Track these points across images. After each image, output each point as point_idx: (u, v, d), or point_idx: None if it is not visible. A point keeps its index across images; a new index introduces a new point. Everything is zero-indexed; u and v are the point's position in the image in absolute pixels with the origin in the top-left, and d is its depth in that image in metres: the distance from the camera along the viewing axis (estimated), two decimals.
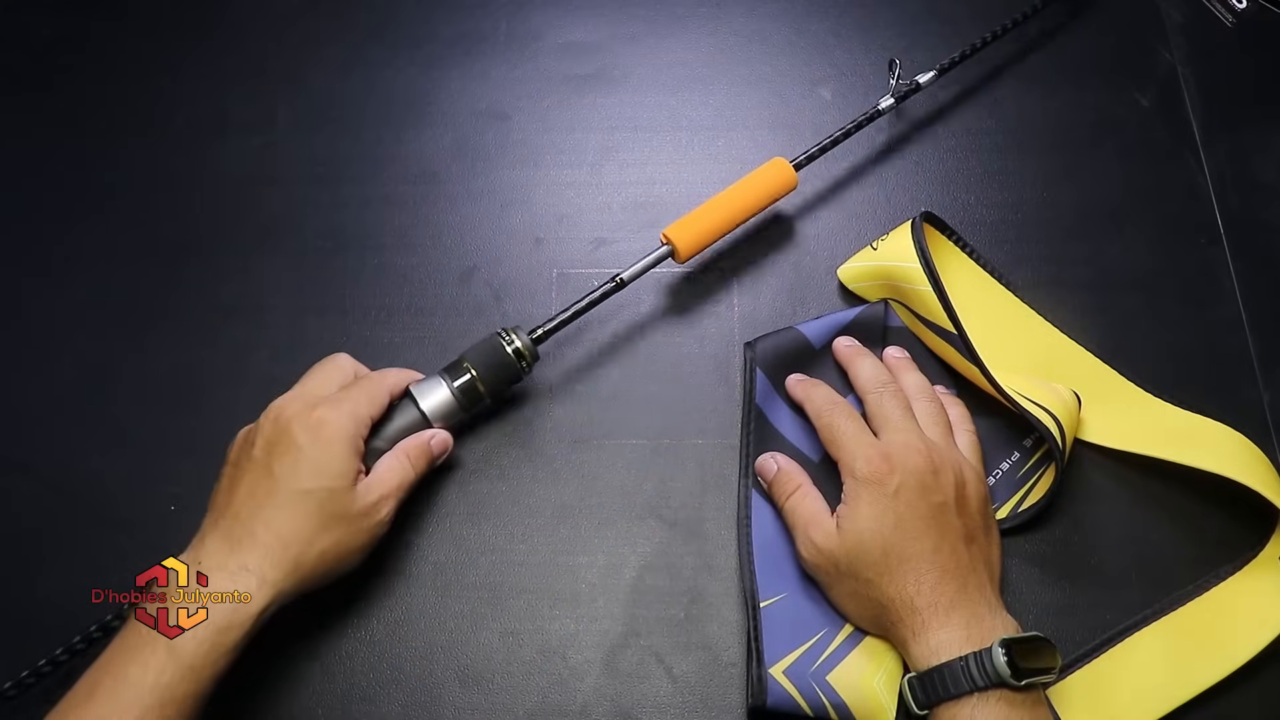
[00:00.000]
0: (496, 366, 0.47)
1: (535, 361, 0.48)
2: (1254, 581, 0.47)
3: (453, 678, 0.47)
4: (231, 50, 0.63)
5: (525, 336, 0.48)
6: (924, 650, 0.40)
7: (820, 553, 0.43)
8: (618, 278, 0.49)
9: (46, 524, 0.51)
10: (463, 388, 0.47)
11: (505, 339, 0.47)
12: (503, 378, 0.48)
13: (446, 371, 0.48)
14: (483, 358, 0.47)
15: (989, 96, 0.60)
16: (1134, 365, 0.52)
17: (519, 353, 0.48)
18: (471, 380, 0.47)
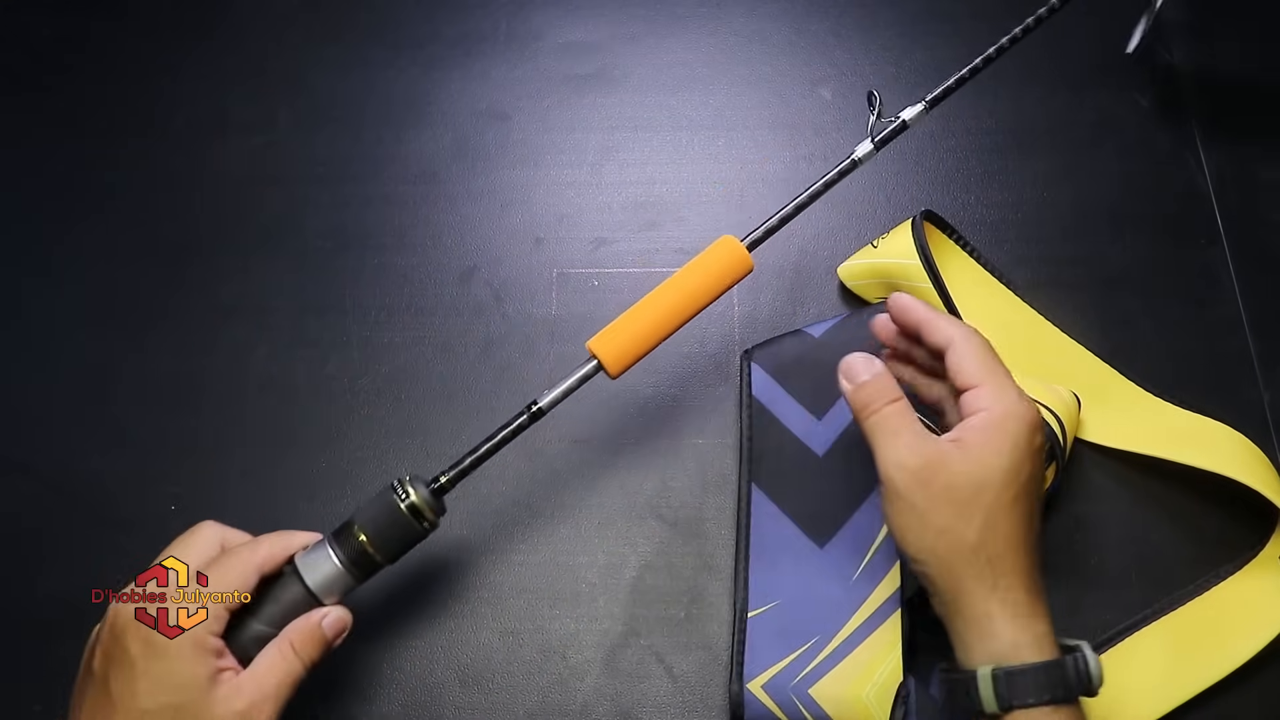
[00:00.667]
0: (391, 528, 0.40)
1: (441, 515, 0.41)
2: (1254, 581, 0.47)
3: (453, 677, 0.47)
4: (232, 50, 0.63)
5: (424, 489, 0.40)
6: (1012, 636, 0.36)
7: (937, 461, 0.37)
8: (534, 407, 0.42)
9: (46, 524, 0.51)
10: (353, 557, 0.40)
11: (400, 494, 0.40)
12: (399, 540, 0.40)
13: (335, 536, 0.40)
14: (375, 519, 0.40)
15: (989, 96, 0.60)
16: (1134, 365, 0.52)
17: (416, 510, 0.40)
18: (361, 547, 0.40)
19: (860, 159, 0.46)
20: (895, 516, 0.38)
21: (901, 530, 0.38)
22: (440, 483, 0.41)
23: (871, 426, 0.39)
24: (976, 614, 0.36)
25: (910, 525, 0.37)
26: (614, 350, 0.42)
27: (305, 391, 0.54)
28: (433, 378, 0.54)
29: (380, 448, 0.52)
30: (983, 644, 0.36)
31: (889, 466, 0.38)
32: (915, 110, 0.47)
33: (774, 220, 0.45)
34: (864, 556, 0.46)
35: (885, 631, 0.44)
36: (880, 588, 0.45)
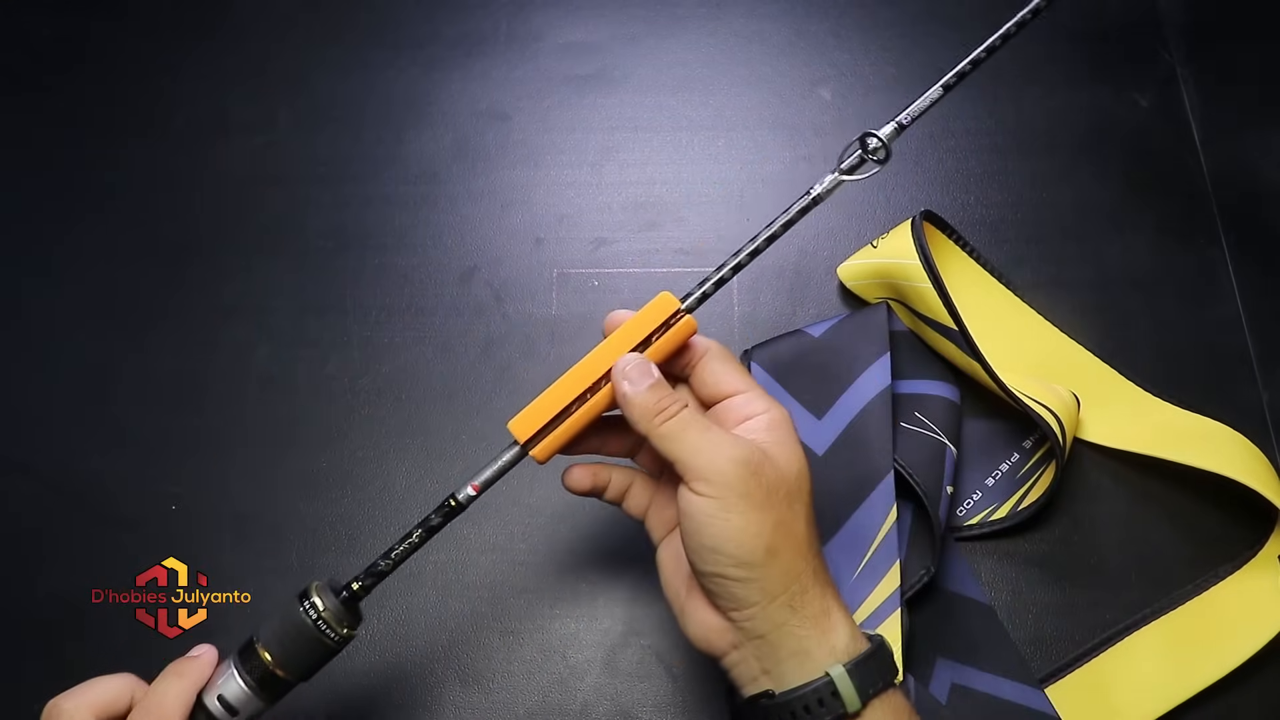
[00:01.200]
0: (298, 644, 0.36)
1: (357, 625, 0.37)
2: (1253, 581, 0.47)
3: (453, 677, 0.47)
4: (232, 50, 0.63)
5: (332, 599, 0.36)
6: (848, 628, 0.34)
7: (759, 452, 0.34)
8: (453, 501, 0.37)
9: (47, 523, 0.51)
10: (259, 679, 0.36)
11: (307, 609, 0.36)
12: (309, 657, 0.36)
13: (240, 656, 0.36)
14: (280, 637, 0.36)
15: (989, 97, 0.60)
16: (1133, 365, 0.53)
17: (325, 624, 0.36)
18: (267, 668, 0.36)
19: (820, 195, 0.39)
20: (728, 515, 0.33)
21: (737, 530, 0.33)
22: (353, 590, 0.37)
23: (676, 427, 0.35)
24: (816, 612, 0.34)
25: (749, 522, 0.33)
26: (539, 438, 0.36)
27: (306, 391, 0.54)
28: (433, 378, 0.54)
29: (380, 448, 0.52)
30: (824, 643, 0.34)
31: (719, 459, 0.34)
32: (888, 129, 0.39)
33: (722, 274, 0.39)
34: (864, 556, 0.46)
35: (885, 631, 0.44)
36: (880, 587, 0.45)
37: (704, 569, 0.34)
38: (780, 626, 0.34)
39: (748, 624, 0.34)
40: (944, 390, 0.50)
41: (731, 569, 0.33)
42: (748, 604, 0.34)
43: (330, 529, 0.51)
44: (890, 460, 0.46)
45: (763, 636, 0.34)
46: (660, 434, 0.35)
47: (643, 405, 0.35)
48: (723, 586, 0.34)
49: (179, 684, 0.36)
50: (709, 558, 0.34)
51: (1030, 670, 0.46)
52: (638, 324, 0.37)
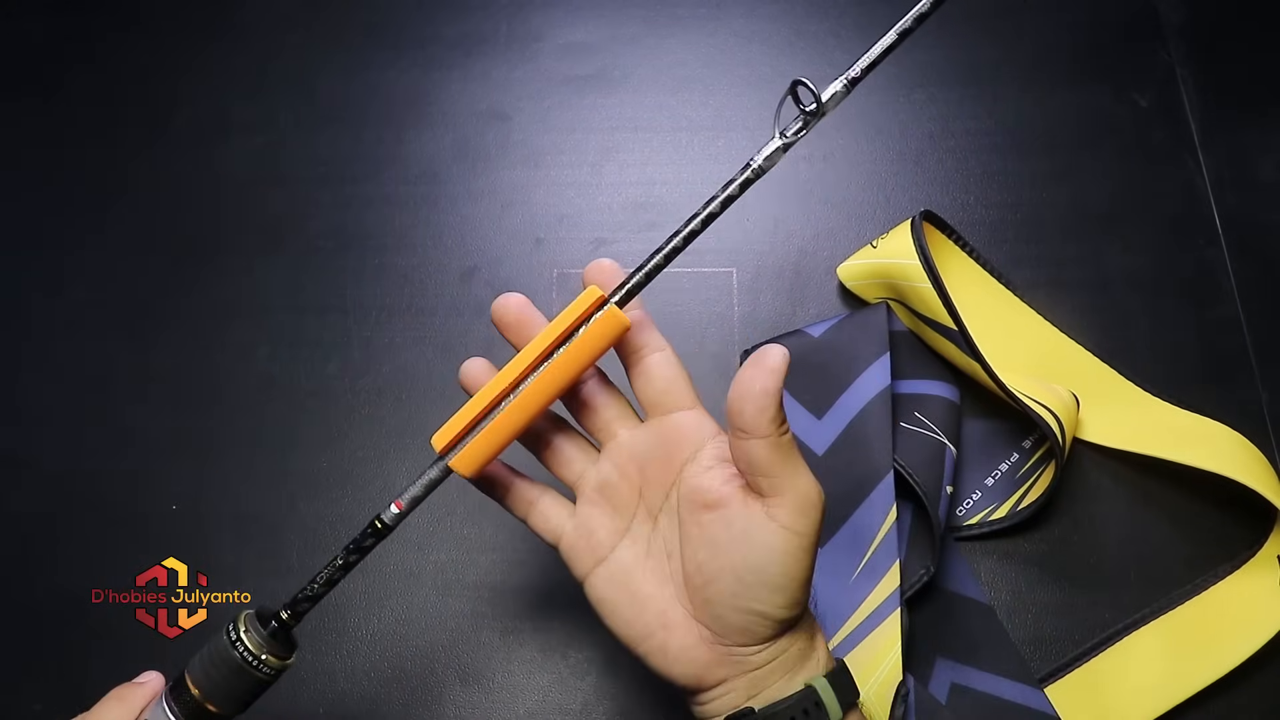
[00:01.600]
0: (227, 680, 0.35)
1: (290, 654, 0.36)
2: (1252, 581, 0.47)
3: (454, 676, 0.47)
4: (234, 52, 0.63)
5: (258, 631, 0.35)
6: (824, 644, 0.35)
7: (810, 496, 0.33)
8: (379, 521, 0.35)
9: (47, 523, 0.51)
10: (188, 713, 0.35)
11: (232, 639, 0.35)
12: (240, 691, 0.35)
13: (172, 692, 0.35)
14: (208, 671, 0.35)
15: (988, 97, 0.60)
16: (1133, 365, 0.53)
17: (251, 656, 0.34)
18: (197, 703, 0.35)
19: (764, 166, 0.34)
20: (806, 555, 0.32)
21: (805, 570, 0.32)
22: (281, 620, 0.35)
23: (792, 444, 0.33)
24: (806, 634, 0.34)
25: (811, 564, 0.33)
26: (464, 452, 0.35)
27: (306, 391, 0.54)
28: (434, 378, 0.54)
29: (381, 448, 0.52)
30: (809, 661, 0.34)
31: (816, 496, 0.32)
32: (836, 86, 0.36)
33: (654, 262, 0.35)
34: (863, 556, 0.46)
35: (884, 630, 0.44)
36: (880, 587, 0.45)
37: (748, 605, 0.32)
38: (782, 654, 0.33)
39: (753, 657, 0.33)
40: (944, 390, 0.50)
41: (781, 610, 0.32)
42: (767, 639, 0.33)
43: (330, 529, 0.51)
44: (890, 460, 0.47)
45: (762, 667, 0.33)
46: (775, 443, 0.32)
47: (773, 409, 0.32)
48: (754, 625, 0.32)
49: (119, 709, 0.35)
50: (764, 595, 0.32)
51: (1030, 670, 0.46)
52: (561, 320, 0.35)
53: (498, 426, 0.35)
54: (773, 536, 0.32)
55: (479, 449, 0.35)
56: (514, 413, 0.34)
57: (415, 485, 0.35)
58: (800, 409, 0.50)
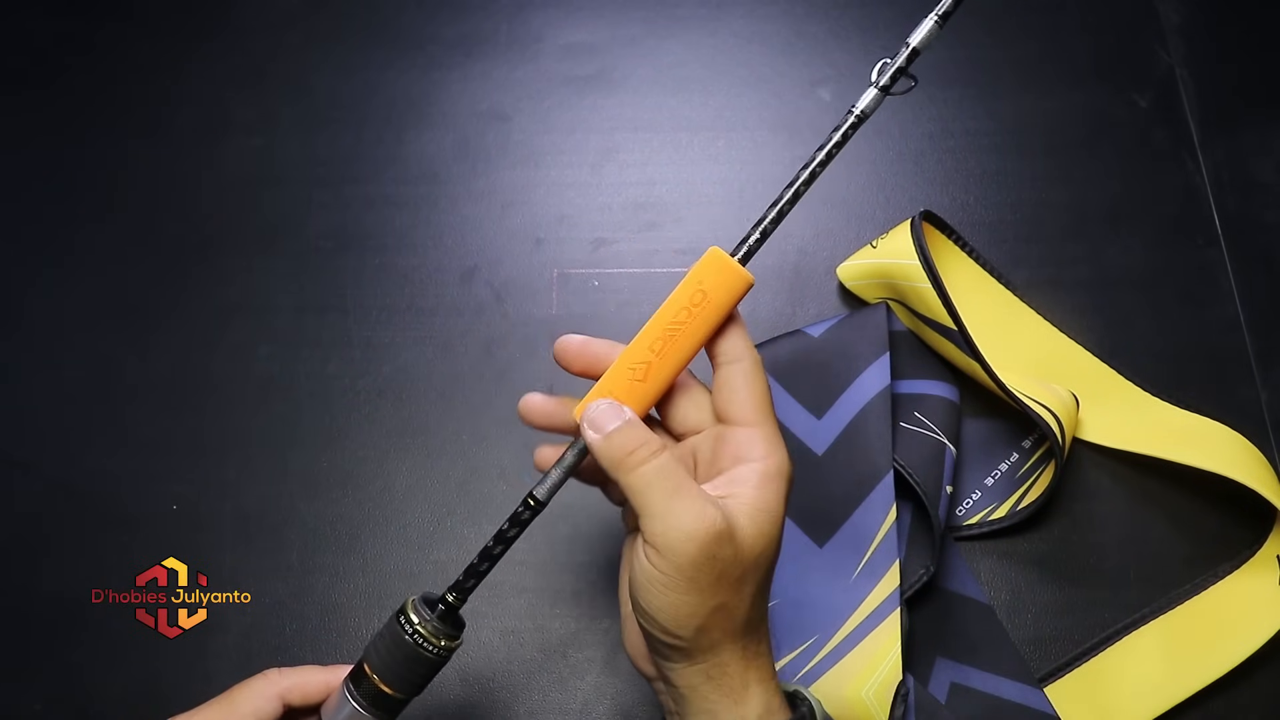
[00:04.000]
0: (404, 665, 0.36)
1: (459, 633, 0.37)
2: (1251, 580, 0.47)
3: (454, 676, 0.47)
4: (234, 52, 0.63)
5: (428, 616, 0.36)
6: (765, 700, 0.33)
7: (725, 530, 0.31)
8: (531, 497, 0.36)
9: (49, 523, 0.51)
10: (372, 699, 0.36)
11: (405, 627, 0.36)
12: (418, 674, 0.36)
13: (352, 680, 0.37)
14: (385, 659, 0.36)
15: (988, 97, 0.60)
16: (1132, 365, 0.53)
17: (423, 639, 0.36)
18: (378, 689, 0.36)
19: (867, 110, 0.35)
20: (667, 592, 0.31)
21: (673, 607, 0.31)
22: (449, 602, 0.37)
23: (640, 481, 0.32)
24: (733, 686, 0.33)
25: (685, 603, 0.31)
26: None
27: (306, 391, 0.54)
28: (434, 378, 0.54)
29: (381, 448, 0.52)
30: (734, 712, 0.33)
31: (672, 534, 0.31)
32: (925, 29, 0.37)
33: (769, 219, 0.36)
34: (863, 556, 0.46)
35: (884, 630, 0.44)
36: (879, 587, 0.45)
37: (637, 616, 0.34)
38: (694, 689, 0.33)
39: (664, 671, 0.34)
40: (943, 390, 0.50)
41: (658, 633, 0.32)
42: (668, 659, 0.33)
43: (330, 529, 0.51)
44: (890, 460, 0.47)
45: (676, 687, 0.34)
46: (628, 480, 0.32)
47: (610, 453, 0.32)
48: (649, 636, 0.33)
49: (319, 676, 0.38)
50: (643, 611, 0.33)
51: (1029, 669, 0.46)
52: (695, 290, 0.34)
53: (639, 391, 0.35)
54: (640, 564, 0.32)
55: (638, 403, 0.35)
56: (653, 377, 0.35)
57: (557, 468, 0.36)
58: (800, 409, 0.50)
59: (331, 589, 0.49)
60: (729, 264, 0.35)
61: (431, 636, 0.36)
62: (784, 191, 0.35)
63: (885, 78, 0.35)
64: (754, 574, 0.33)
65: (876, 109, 0.35)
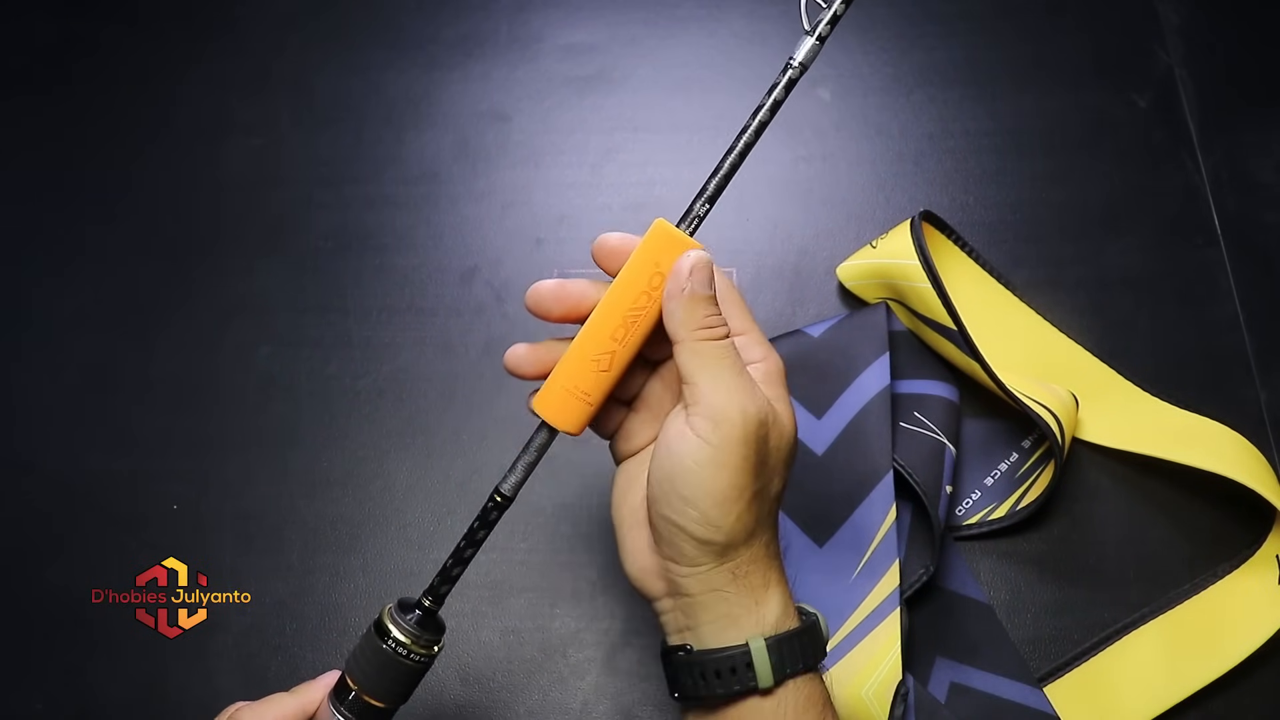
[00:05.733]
0: (384, 674, 0.35)
1: (440, 636, 0.36)
2: (1251, 580, 0.47)
3: (454, 676, 0.47)
4: (235, 53, 0.64)
5: (405, 623, 0.35)
6: (782, 603, 0.33)
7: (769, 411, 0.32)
8: (497, 493, 0.36)
9: (49, 523, 0.51)
10: (358, 712, 0.36)
11: (384, 638, 0.35)
12: (400, 682, 0.36)
13: (336, 695, 0.36)
14: (365, 670, 0.36)
15: (987, 97, 0.60)
16: (1132, 365, 0.53)
17: (402, 647, 0.35)
18: (363, 702, 0.35)
19: (804, 60, 0.35)
20: (719, 471, 0.31)
21: (721, 489, 0.31)
22: (425, 606, 0.36)
23: (712, 351, 0.32)
24: (755, 584, 0.32)
25: (735, 485, 0.31)
26: (568, 409, 0.34)
27: (306, 391, 0.54)
28: (434, 378, 0.54)
29: (381, 448, 0.52)
30: (754, 613, 0.32)
31: (736, 406, 0.31)
32: None
33: (712, 186, 0.35)
34: (863, 556, 0.46)
35: (884, 630, 0.44)
36: (879, 587, 0.45)
37: (665, 513, 0.32)
38: (715, 590, 0.32)
39: (684, 580, 0.32)
40: (943, 390, 0.50)
41: (695, 525, 0.31)
42: (694, 562, 0.32)
43: (330, 529, 0.51)
44: (890, 460, 0.47)
45: (693, 596, 0.32)
46: (693, 348, 0.32)
47: (690, 312, 0.32)
48: (676, 538, 0.32)
49: (292, 701, 0.36)
50: (677, 506, 0.31)
51: (1029, 669, 0.46)
52: (644, 265, 0.33)
53: (604, 381, 0.34)
54: (684, 444, 0.31)
55: (582, 405, 0.34)
56: (617, 364, 0.34)
57: (528, 451, 0.35)
58: (800, 409, 0.50)
59: (331, 589, 0.49)
60: (679, 238, 0.33)
61: (411, 644, 0.35)
62: (726, 155, 0.35)
63: (822, 24, 0.35)
64: (783, 466, 0.33)
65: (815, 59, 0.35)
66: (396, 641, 0.35)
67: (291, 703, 0.36)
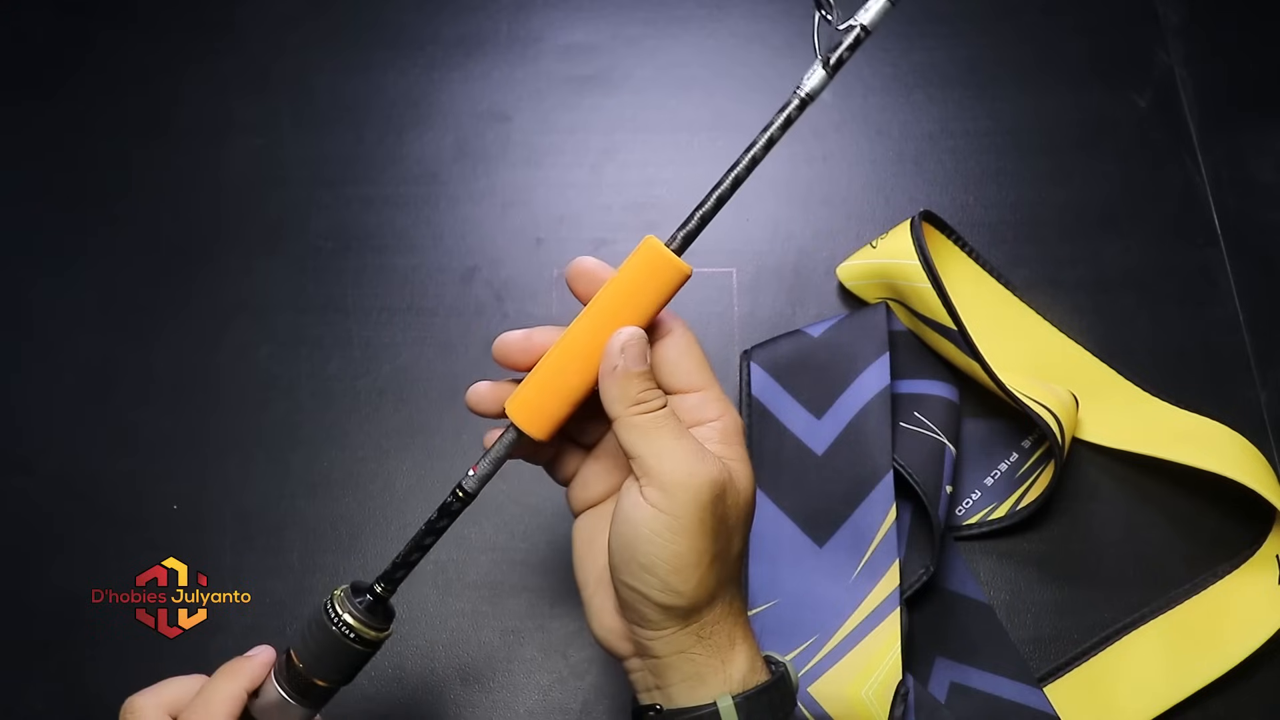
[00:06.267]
0: (330, 655, 0.36)
1: (388, 625, 0.37)
2: (1251, 580, 0.47)
3: (454, 676, 0.47)
4: (235, 53, 0.64)
5: (354, 606, 0.35)
6: (749, 659, 0.33)
7: (725, 475, 0.32)
8: (460, 489, 0.36)
9: (48, 523, 0.51)
10: (299, 689, 0.36)
11: (330, 615, 0.35)
12: (344, 664, 0.36)
13: (280, 669, 0.37)
14: (311, 648, 0.36)
15: (987, 98, 0.60)
16: (1132, 365, 0.53)
17: (349, 631, 0.35)
18: (305, 679, 0.36)
19: (812, 92, 0.34)
20: (675, 538, 0.31)
21: (679, 556, 0.31)
22: (376, 592, 0.36)
23: (650, 423, 0.32)
24: (721, 644, 0.32)
25: (691, 550, 0.31)
26: (537, 414, 0.34)
27: (307, 391, 0.54)
28: (434, 378, 0.54)
29: (381, 448, 0.52)
30: (721, 672, 0.32)
31: (682, 473, 0.31)
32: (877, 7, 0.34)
33: (707, 206, 0.33)
34: (863, 556, 0.46)
35: (884, 630, 0.44)
36: (879, 587, 0.45)
37: (627, 580, 0.32)
38: (682, 652, 0.32)
39: (650, 643, 0.32)
40: (943, 390, 0.50)
41: (657, 593, 0.31)
42: (659, 626, 0.32)
43: (330, 529, 0.51)
44: (890, 460, 0.47)
45: (660, 658, 0.32)
46: (630, 423, 0.32)
47: (624, 389, 0.32)
48: (639, 604, 0.32)
49: (231, 684, 0.36)
50: (637, 574, 0.31)
51: (1029, 669, 0.46)
52: (629, 281, 0.33)
53: (567, 386, 0.33)
54: (639, 512, 0.31)
55: (550, 410, 0.34)
56: (581, 369, 0.33)
57: (492, 452, 0.35)
58: (800, 409, 0.50)
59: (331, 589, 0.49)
60: (667, 258, 0.33)
61: (359, 627, 0.35)
62: (720, 181, 0.34)
63: (834, 57, 0.34)
64: (743, 525, 0.33)
65: (823, 90, 0.34)
66: (345, 624, 0.35)
67: (231, 687, 0.36)
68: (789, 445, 0.49)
